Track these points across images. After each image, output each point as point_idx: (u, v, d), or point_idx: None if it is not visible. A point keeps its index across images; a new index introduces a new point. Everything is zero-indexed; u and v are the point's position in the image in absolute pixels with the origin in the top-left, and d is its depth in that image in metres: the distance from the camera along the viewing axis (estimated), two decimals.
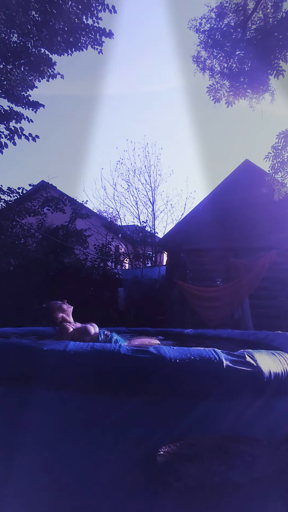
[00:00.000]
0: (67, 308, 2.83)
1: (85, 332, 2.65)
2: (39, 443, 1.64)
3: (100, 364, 1.60)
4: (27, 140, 8.06)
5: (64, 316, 2.78)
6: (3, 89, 8.20)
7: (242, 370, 1.58)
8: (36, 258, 10.19)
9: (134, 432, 1.59)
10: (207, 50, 8.23)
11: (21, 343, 1.89)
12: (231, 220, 8.18)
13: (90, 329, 2.69)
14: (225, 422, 1.63)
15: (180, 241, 8.63)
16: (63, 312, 2.79)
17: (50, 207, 11.47)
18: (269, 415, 1.70)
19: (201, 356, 1.61)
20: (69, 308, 2.85)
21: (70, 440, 1.63)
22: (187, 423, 1.61)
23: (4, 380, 1.67)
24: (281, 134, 6.48)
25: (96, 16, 7.63)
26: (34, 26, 7.63)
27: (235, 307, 7.82)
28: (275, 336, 2.88)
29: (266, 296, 7.89)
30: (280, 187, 6.78)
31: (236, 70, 7.86)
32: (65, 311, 2.81)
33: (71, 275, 9.85)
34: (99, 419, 1.60)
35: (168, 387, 1.58)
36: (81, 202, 12.36)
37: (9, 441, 1.67)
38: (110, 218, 15.14)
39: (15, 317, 7.32)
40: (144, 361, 1.58)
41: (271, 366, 1.67)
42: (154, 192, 13.93)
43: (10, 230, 10.53)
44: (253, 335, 3.42)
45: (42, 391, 1.62)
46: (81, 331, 2.67)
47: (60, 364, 1.62)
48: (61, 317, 2.76)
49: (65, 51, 7.97)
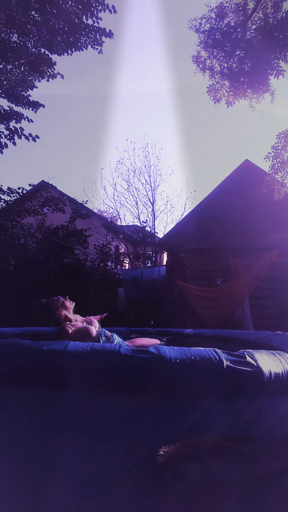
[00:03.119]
0: (70, 305, 2.72)
1: (86, 334, 2.57)
2: (39, 443, 1.64)
3: (100, 364, 1.60)
4: (27, 140, 8.06)
5: (66, 314, 2.67)
6: (3, 89, 8.20)
7: (242, 370, 1.58)
8: (36, 258, 10.19)
9: (134, 432, 1.59)
10: (207, 50, 8.24)
11: (21, 343, 1.88)
12: (231, 220, 8.18)
13: (91, 331, 2.60)
14: (225, 422, 1.63)
15: (180, 241, 8.63)
16: (66, 310, 2.67)
17: (50, 207, 11.46)
18: (269, 415, 1.70)
19: (201, 356, 1.61)
20: (72, 305, 2.74)
21: (70, 440, 1.62)
22: (187, 423, 1.60)
23: (4, 380, 1.67)
24: (281, 134, 6.48)
25: (96, 16, 7.63)
26: (34, 26, 7.63)
27: (235, 307, 7.82)
28: (275, 336, 2.88)
29: (266, 296, 7.89)
30: (280, 187, 6.79)
31: (236, 70, 7.87)
32: (68, 308, 2.70)
33: (71, 275, 9.84)
34: (99, 419, 1.60)
35: (168, 387, 1.58)
36: (81, 202, 12.36)
37: (8, 440, 1.67)
38: (110, 218, 15.14)
39: (15, 317, 7.31)
40: (144, 361, 1.58)
41: (271, 366, 1.67)
42: (154, 192, 13.93)
43: (10, 230, 10.52)
44: (253, 335, 3.42)
45: (42, 391, 1.61)
46: (82, 333, 2.57)
47: (60, 364, 1.62)
48: (64, 315, 2.65)
49: (65, 51, 7.97)
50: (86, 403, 1.61)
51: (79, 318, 2.77)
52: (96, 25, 7.77)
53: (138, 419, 1.59)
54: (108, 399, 1.60)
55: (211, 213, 8.39)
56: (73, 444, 1.62)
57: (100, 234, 12.46)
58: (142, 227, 13.93)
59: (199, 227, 8.44)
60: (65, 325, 2.61)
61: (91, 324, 2.78)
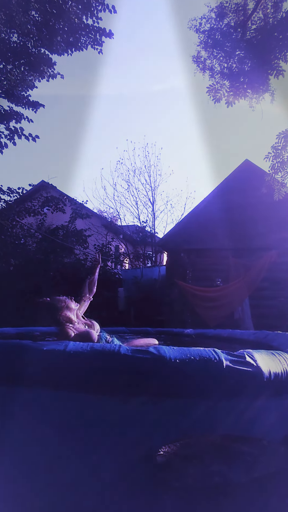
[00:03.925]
0: (75, 307, 2.64)
1: (87, 338, 2.48)
2: (39, 442, 1.64)
3: (100, 364, 1.60)
4: (27, 140, 8.06)
5: (70, 316, 2.56)
6: (3, 89, 8.20)
7: (242, 370, 1.58)
8: (36, 258, 10.19)
9: (134, 432, 1.59)
10: (207, 50, 8.23)
11: (21, 343, 1.88)
12: (231, 220, 8.18)
13: (92, 335, 2.52)
14: (225, 422, 1.63)
15: (180, 241, 8.63)
16: (70, 311, 2.58)
17: (50, 207, 11.46)
18: (269, 415, 1.70)
19: (201, 356, 1.61)
20: (76, 307, 2.67)
21: (70, 440, 1.63)
22: (187, 423, 1.61)
23: (4, 380, 1.67)
24: (281, 134, 6.48)
25: (96, 16, 7.64)
26: (34, 26, 7.63)
27: (235, 307, 7.82)
28: (275, 336, 2.88)
29: (266, 296, 7.89)
30: (280, 187, 6.78)
31: (236, 70, 7.86)
32: (72, 310, 2.60)
33: (71, 275, 9.84)
34: (99, 419, 1.60)
35: (168, 387, 1.58)
36: (81, 202, 12.36)
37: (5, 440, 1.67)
38: (110, 218, 15.14)
39: (15, 317, 7.31)
40: (144, 361, 1.58)
41: (271, 366, 1.67)
42: (154, 192, 13.95)
43: (10, 230, 10.52)
44: (253, 335, 3.42)
45: (42, 391, 1.61)
46: (84, 337, 2.48)
47: (60, 364, 1.62)
48: (67, 317, 2.54)
49: (65, 51, 7.97)
50: (86, 403, 1.61)
51: (81, 320, 2.71)
52: (96, 25, 7.77)
53: (138, 419, 1.59)
54: (108, 399, 1.60)
55: (211, 213, 8.39)
56: (72, 444, 1.62)
57: (100, 234, 12.46)
58: (142, 227, 13.94)
59: (199, 227, 8.45)
60: (66, 327, 2.52)
61: (92, 327, 2.72)
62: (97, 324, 2.78)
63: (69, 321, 2.57)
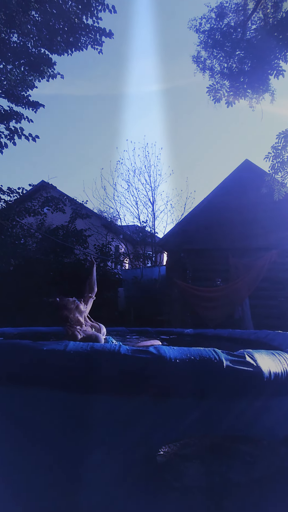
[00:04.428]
0: (84, 309, 2.63)
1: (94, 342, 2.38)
2: (39, 442, 1.64)
3: (100, 364, 1.60)
4: (27, 140, 8.05)
5: (79, 318, 2.55)
6: (3, 89, 8.20)
7: (242, 370, 1.58)
8: (36, 258, 10.18)
9: (134, 432, 1.59)
10: (207, 50, 8.24)
11: (21, 343, 1.88)
12: (231, 220, 8.18)
13: (100, 339, 2.50)
14: (225, 422, 1.63)
15: (180, 241, 8.63)
16: (80, 313, 2.58)
17: (50, 207, 11.45)
18: (269, 415, 1.70)
19: (201, 356, 1.61)
20: (85, 309, 2.66)
21: (70, 439, 1.62)
22: (187, 423, 1.60)
23: (4, 380, 1.66)
24: (281, 134, 6.48)
25: (96, 16, 7.63)
26: (34, 26, 7.63)
27: (235, 307, 7.82)
28: (275, 336, 2.88)
29: (266, 296, 7.89)
30: (280, 187, 6.78)
31: (236, 70, 7.87)
32: (82, 312, 2.60)
33: (71, 275, 9.84)
34: (99, 419, 1.60)
35: (168, 387, 1.58)
36: (81, 202, 12.35)
37: (8, 440, 1.67)
38: (110, 218, 15.13)
39: (15, 317, 7.32)
40: (144, 361, 1.58)
41: (271, 366, 1.67)
42: (154, 192, 13.92)
43: (10, 230, 10.52)
44: (253, 334, 3.43)
45: (42, 391, 1.61)
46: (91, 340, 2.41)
47: (60, 364, 1.62)
48: (76, 319, 2.53)
49: (65, 51, 7.97)
50: (86, 403, 1.61)
51: (88, 322, 2.70)
52: (96, 25, 7.77)
53: (138, 419, 1.59)
54: (108, 399, 1.60)
55: (211, 213, 8.39)
56: (72, 444, 1.62)
57: (100, 234, 12.46)
58: (142, 227, 13.92)
59: (199, 227, 8.44)
60: (74, 329, 2.51)
61: (99, 330, 2.70)
62: (103, 327, 2.76)
63: (78, 323, 2.56)
